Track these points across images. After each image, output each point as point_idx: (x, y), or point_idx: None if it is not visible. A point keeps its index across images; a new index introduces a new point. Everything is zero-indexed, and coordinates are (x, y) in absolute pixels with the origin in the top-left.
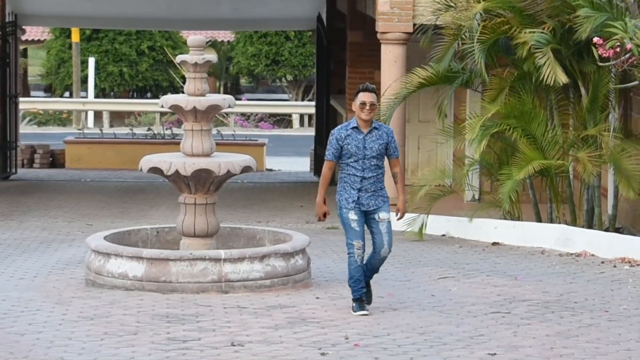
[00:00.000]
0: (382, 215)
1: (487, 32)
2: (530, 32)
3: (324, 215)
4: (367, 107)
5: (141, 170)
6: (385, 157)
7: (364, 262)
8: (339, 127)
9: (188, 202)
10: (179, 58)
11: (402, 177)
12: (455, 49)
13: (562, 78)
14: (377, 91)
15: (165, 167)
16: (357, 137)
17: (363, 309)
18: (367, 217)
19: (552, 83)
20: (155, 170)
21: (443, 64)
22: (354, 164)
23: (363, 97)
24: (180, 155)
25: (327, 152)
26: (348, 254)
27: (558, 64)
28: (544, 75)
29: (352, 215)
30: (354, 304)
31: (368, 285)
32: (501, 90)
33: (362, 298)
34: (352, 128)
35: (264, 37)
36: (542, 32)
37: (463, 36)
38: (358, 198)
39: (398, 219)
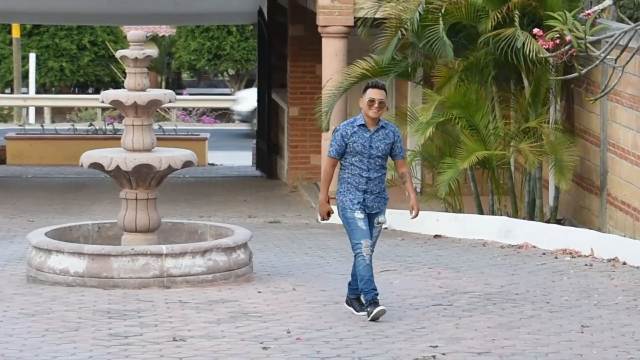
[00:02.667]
0: (381, 219)
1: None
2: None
3: (328, 214)
4: (376, 105)
5: (82, 165)
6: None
7: (352, 273)
8: (344, 123)
9: (129, 198)
10: (119, 53)
11: (410, 176)
12: (399, 38)
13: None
14: (386, 88)
15: (106, 162)
16: (364, 135)
17: (378, 307)
18: (368, 219)
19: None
20: (96, 165)
21: (386, 55)
22: (358, 164)
23: (372, 93)
24: (121, 151)
25: (330, 149)
26: (355, 255)
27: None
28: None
29: (359, 214)
30: (368, 308)
31: (358, 297)
32: (449, 79)
33: (376, 300)
34: (359, 125)
35: (206, 32)
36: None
37: (405, 27)
38: (364, 200)
39: (413, 218)
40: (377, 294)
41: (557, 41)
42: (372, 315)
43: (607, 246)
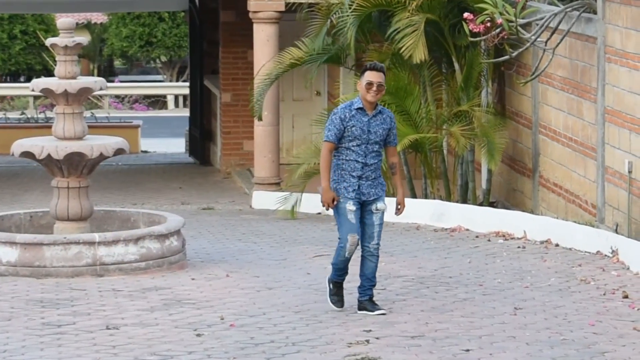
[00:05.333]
0: (380, 205)
1: (361, 6)
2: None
3: (333, 200)
4: (374, 88)
5: (13, 154)
6: None
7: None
8: (341, 106)
9: (61, 186)
10: (49, 41)
11: (400, 168)
12: (328, 25)
13: (419, 56)
14: (384, 70)
15: (37, 151)
16: (362, 119)
17: (340, 303)
18: (363, 207)
19: (407, 57)
20: (28, 154)
21: (317, 41)
22: (355, 149)
23: (370, 76)
24: (53, 139)
25: (327, 133)
26: (338, 247)
27: (424, 41)
28: (403, 48)
29: (350, 206)
30: (330, 285)
31: (371, 298)
32: None
33: (339, 283)
34: (357, 109)
35: (138, 19)
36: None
37: (335, 12)
38: (359, 187)
39: (398, 214)
40: (342, 280)
41: (488, 24)
42: (329, 297)
43: (540, 228)
